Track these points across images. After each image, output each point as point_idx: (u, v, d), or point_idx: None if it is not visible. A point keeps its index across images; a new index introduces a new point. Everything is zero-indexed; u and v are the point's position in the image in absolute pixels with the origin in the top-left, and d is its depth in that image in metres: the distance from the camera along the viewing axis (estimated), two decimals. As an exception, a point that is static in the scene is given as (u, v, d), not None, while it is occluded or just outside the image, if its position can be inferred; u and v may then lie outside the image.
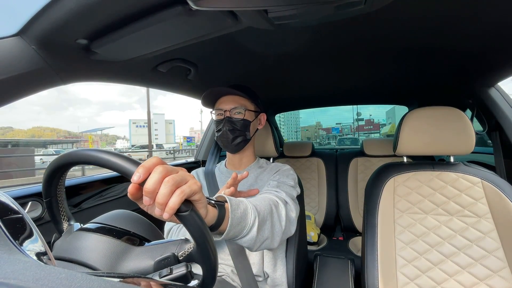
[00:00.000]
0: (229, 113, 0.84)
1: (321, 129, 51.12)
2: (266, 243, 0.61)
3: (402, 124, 0.91)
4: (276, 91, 1.42)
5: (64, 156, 0.40)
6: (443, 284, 0.78)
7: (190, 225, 0.36)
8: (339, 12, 0.52)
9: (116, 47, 0.62)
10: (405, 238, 0.85)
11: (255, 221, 0.55)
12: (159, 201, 0.33)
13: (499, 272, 0.75)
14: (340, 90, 1.46)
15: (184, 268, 0.39)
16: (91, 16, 0.51)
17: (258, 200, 0.63)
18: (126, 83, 0.93)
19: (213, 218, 0.45)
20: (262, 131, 1.09)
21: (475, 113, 1.18)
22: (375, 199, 0.90)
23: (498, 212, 0.79)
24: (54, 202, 0.47)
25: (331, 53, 0.89)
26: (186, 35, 0.61)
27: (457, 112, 0.86)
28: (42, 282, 0.17)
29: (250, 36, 0.73)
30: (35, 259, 0.24)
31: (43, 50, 0.57)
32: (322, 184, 1.86)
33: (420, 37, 0.76)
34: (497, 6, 0.60)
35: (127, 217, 0.49)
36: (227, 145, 0.85)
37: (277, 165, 0.91)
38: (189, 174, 0.38)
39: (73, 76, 0.70)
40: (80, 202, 0.92)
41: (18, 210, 0.30)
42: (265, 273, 0.80)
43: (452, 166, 0.89)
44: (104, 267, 0.39)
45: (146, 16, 0.53)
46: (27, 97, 0.61)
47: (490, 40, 0.75)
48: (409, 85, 1.34)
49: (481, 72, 1.01)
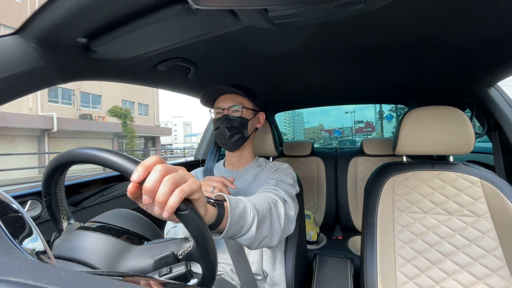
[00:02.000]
0: (227, 111, 0.84)
1: (323, 131, 51.55)
2: (265, 241, 0.61)
3: (401, 124, 0.91)
4: (275, 90, 1.42)
5: (63, 155, 0.40)
6: (442, 283, 0.78)
7: (190, 224, 0.36)
8: (339, 11, 0.52)
9: (115, 45, 0.62)
10: (404, 237, 0.85)
11: (254, 220, 0.55)
12: (159, 200, 0.33)
13: (498, 272, 0.75)
14: (339, 89, 1.46)
15: (183, 267, 0.39)
16: (91, 14, 0.51)
17: (257, 199, 0.63)
18: (126, 82, 0.93)
19: (213, 217, 0.45)
20: (261, 130, 1.09)
21: (474, 113, 1.18)
22: (374, 198, 0.90)
23: (497, 211, 0.79)
24: (53, 201, 0.47)
25: (331, 52, 0.89)
26: (186, 34, 0.61)
27: (456, 111, 0.86)
28: (41, 280, 0.17)
29: (250, 35, 0.73)
30: (34, 258, 0.24)
31: (42, 49, 0.56)
32: (322, 183, 1.86)
33: (420, 37, 0.76)
34: (497, 6, 0.60)
35: (127, 216, 0.49)
36: (224, 142, 0.85)
37: (276, 163, 0.91)
38: (189, 173, 0.38)
39: (73, 75, 0.70)
40: (79, 201, 0.92)
41: (18, 209, 0.30)
42: (264, 272, 0.80)
43: (452, 165, 0.89)
44: (103, 266, 0.39)
45: (146, 14, 0.53)
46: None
47: (490, 39, 0.75)
48: (408, 85, 1.34)
49: (480, 71, 1.01)
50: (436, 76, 1.14)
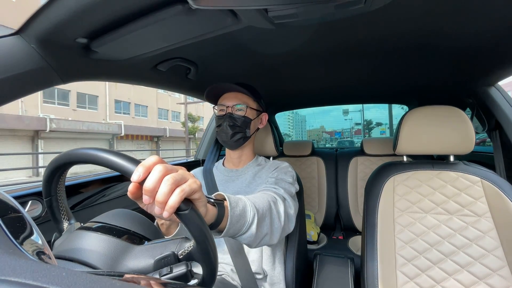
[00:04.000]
0: (231, 109, 0.84)
1: (324, 132, 52.41)
2: (266, 239, 0.61)
3: (402, 123, 0.91)
4: (276, 90, 1.42)
5: (63, 155, 0.40)
6: (442, 283, 0.78)
7: (190, 223, 0.36)
8: (339, 11, 0.52)
9: (116, 46, 0.62)
10: (404, 237, 0.85)
11: (254, 218, 0.55)
12: (159, 199, 0.33)
13: (499, 271, 0.75)
14: (339, 89, 1.45)
15: (184, 267, 0.39)
16: (91, 15, 0.51)
17: (256, 197, 0.63)
18: (126, 82, 0.93)
19: (213, 217, 0.45)
20: (262, 130, 1.09)
21: (475, 112, 1.18)
22: (375, 198, 0.90)
23: (498, 211, 0.79)
24: (54, 202, 0.47)
25: (331, 52, 0.89)
26: (186, 34, 0.61)
27: (457, 111, 0.86)
28: (42, 280, 0.17)
29: (250, 35, 0.73)
30: (35, 258, 0.24)
31: (42, 49, 0.57)
32: (322, 183, 1.86)
33: (420, 36, 0.76)
34: (497, 5, 0.60)
35: (127, 216, 0.49)
36: (226, 140, 0.85)
37: (275, 162, 0.91)
38: (189, 173, 0.38)
39: (73, 75, 0.70)
40: (80, 201, 0.92)
41: (18, 209, 0.30)
42: (264, 271, 0.80)
43: (452, 165, 0.89)
44: (104, 266, 0.39)
45: (146, 15, 0.53)
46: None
47: (490, 39, 0.75)
48: (409, 84, 1.33)
49: (481, 71, 1.00)
50: (436, 75, 1.14)
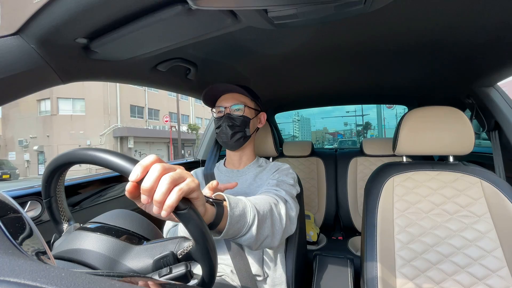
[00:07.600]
0: (229, 110, 0.84)
1: (327, 133, 53.65)
2: (267, 241, 0.61)
3: (401, 124, 0.91)
4: (275, 90, 1.42)
5: (62, 155, 0.40)
6: (442, 283, 0.78)
7: (189, 223, 0.36)
8: (339, 12, 0.52)
9: (115, 46, 0.62)
10: (404, 238, 0.85)
11: (254, 220, 0.55)
12: (157, 199, 0.33)
13: (498, 272, 0.75)
14: (339, 90, 1.46)
15: (183, 267, 0.39)
16: (91, 15, 0.51)
17: (257, 199, 0.63)
18: (126, 83, 0.93)
19: (212, 216, 0.45)
20: (261, 130, 1.09)
21: (474, 113, 1.18)
22: (374, 198, 0.90)
23: (497, 212, 0.79)
24: (53, 202, 0.47)
25: (331, 53, 0.89)
26: (185, 35, 0.61)
27: (456, 112, 0.86)
28: (41, 281, 0.17)
29: (250, 35, 0.73)
30: (34, 258, 0.24)
31: (42, 49, 0.56)
32: (322, 183, 1.86)
33: (419, 37, 0.76)
34: (497, 6, 0.60)
35: (126, 216, 0.49)
36: (226, 141, 0.85)
37: (276, 164, 0.91)
38: (187, 172, 0.37)
39: (73, 75, 0.70)
40: (79, 202, 0.92)
41: (18, 209, 0.30)
42: (265, 273, 0.80)
43: (451, 166, 0.89)
44: (103, 266, 0.39)
45: (145, 15, 0.53)
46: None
47: (490, 39, 0.75)
48: (408, 85, 1.34)
49: (480, 71, 1.01)
50: (436, 76, 1.14)
